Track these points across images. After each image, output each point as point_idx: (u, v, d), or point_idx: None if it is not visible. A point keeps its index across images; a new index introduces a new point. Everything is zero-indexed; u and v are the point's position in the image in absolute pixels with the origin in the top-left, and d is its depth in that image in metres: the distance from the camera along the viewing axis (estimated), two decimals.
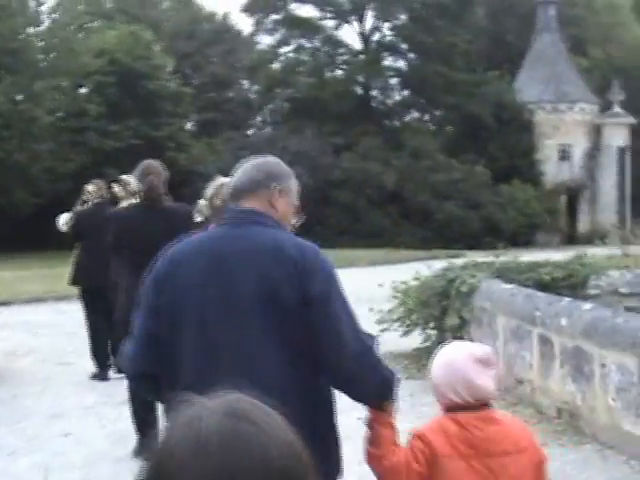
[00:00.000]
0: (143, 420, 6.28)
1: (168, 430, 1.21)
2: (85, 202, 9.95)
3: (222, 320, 2.79)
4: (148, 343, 2.87)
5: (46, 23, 39.26)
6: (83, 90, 40.50)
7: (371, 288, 13.36)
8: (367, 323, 11.12)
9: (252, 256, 2.82)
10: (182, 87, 43.01)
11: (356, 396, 2.93)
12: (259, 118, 51.94)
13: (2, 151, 33.55)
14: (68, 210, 10.27)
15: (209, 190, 4.97)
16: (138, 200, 6.63)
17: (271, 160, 3.13)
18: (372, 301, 11.75)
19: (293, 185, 3.09)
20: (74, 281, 9.89)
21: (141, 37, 40.76)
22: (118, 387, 8.08)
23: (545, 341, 7.73)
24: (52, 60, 37.46)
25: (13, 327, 13.83)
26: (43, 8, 39.13)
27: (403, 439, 2.93)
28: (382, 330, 10.44)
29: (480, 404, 2.88)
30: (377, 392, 2.91)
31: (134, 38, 40.34)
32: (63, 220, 10.00)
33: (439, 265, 11.12)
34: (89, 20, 45.37)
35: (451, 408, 2.90)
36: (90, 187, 9.94)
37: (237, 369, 2.68)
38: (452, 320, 9.63)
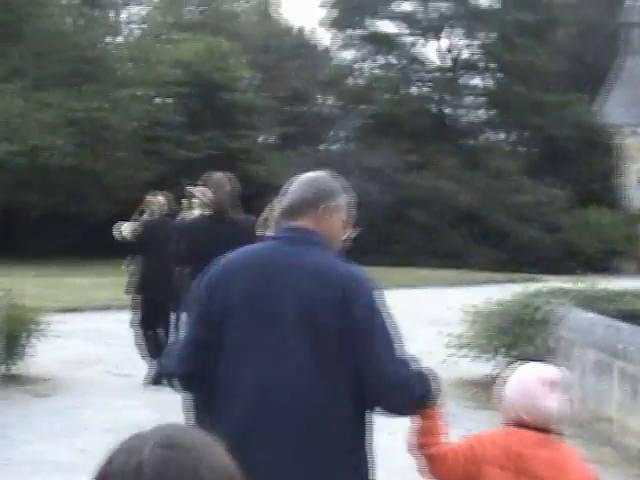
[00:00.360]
0: None
1: (106, 461, 1.28)
2: (151, 213, 9.90)
3: (263, 334, 2.87)
4: (194, 347, 2.97)
5: (126, 33, 39.75)
6: (161, 100, 40.86)
7: (443, 309, 13.03)
8: (436, 347, 10.78)
9: (299, 276, 2.88)
10: (260, 100, 43.11)
11: (394, 416, 2.99)
12: (336, 133, 51.87)
13: (78, 158, 33.92)
14: (125, 219, 10.27)
15: (266, 213, 4.99)
16: (208, 211, 6.59)
17: (321, 177, 3.13)
18: (443, 323, 11.36)
19: (343, 200, 3.10)
20: (136, 290, 9.86)
21: (220, 49, 41.01)
22: (174, 404, 7.83)
23: (628, 376, 7.21)
24: (131, 70, 37.87)
25: (81, 335, 13.73)
26: (124, 19, 39.68)
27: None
28: (452, 355, 10.06)
29: (543, 427, 2.84)
30: (413, 411, 2.97)
31: (213, 50, 40.61)
32: (129, 228, 9.93)
33: (513, 289, 10.68)
34: (170, 31, 45.87)
35: (512, 423, 2.93)
36: (158, 199, 9.93)
37: (274, 381, 2.83)
38: (526, 348, 9.16)
